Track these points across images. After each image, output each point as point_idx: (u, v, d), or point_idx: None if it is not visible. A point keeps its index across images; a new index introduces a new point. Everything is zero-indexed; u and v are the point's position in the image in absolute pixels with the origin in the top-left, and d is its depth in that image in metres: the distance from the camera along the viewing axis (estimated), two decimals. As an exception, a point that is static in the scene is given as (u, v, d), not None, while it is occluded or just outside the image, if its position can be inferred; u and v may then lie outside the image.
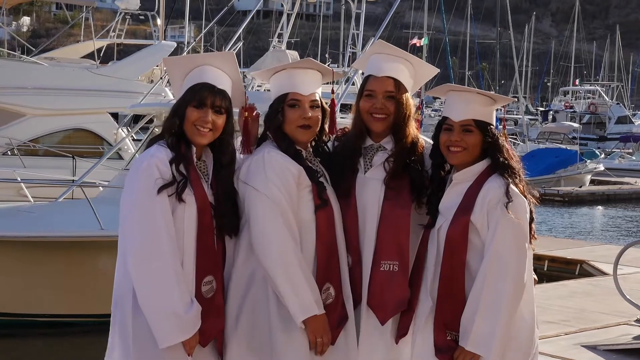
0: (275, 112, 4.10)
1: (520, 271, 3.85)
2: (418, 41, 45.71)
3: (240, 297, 3.98)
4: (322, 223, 4.02)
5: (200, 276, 3.87)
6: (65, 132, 17.71)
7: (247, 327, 3.97)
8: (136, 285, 3.76)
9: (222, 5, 43.20)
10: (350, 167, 4.21)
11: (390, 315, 4.11)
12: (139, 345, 3.81)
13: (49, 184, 13.46)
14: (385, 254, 4.11)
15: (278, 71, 4.19)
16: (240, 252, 4.01)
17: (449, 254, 3.94)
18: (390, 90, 4.16)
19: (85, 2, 20.77)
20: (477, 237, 3.93)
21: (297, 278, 3.88)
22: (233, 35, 15.49)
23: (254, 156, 4.03)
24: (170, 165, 3.85)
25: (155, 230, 3.76)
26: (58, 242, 10.36)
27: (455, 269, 3.93)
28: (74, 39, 36.33)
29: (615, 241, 21.65)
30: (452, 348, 3.93)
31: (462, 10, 70.96)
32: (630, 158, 42.89)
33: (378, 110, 4.16)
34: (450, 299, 3.94)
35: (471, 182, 3.99)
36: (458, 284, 3.93)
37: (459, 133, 4.00)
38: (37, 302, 10.65)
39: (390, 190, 4.15)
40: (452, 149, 4.01)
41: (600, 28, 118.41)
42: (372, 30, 17.69)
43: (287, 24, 15.55)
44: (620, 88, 76.42)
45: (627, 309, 8.81)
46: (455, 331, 3.92)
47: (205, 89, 3.94)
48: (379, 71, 4.21)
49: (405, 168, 4.16)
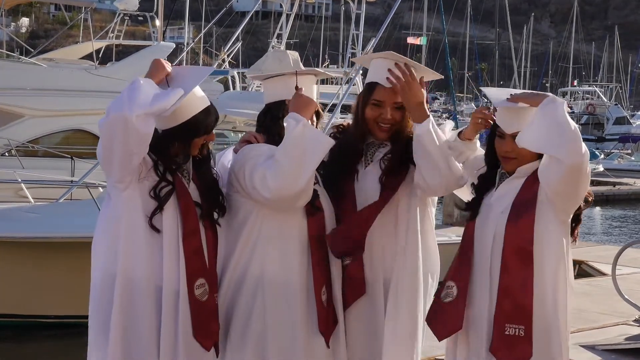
0: (275, 118, 4.11)
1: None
2: (416, 39, 45.65)
3: (246, 302, 4.01)
4: (313, 228, 4.05)
5: (192, 280, 3.85)
6: (64, 133, 17.68)
7: (257, 332, 3.99)
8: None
9: (221, 6, 43.19)
10: (350, 167, 4.24)
11: (353, 299, 4.15)
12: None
13: (49, 184, 13.47)
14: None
15: (273, 76, 4.21)
16: (235, 254, 4.03)
17: (511, 247, 3.93)
18: (399, 101, 4.16)
19: (84, 3, 20.72)
20: (544, 226, 3.93)
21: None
22: (232, 36, 15.52)
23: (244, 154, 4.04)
24: (155, 170, 3.85)
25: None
26: (62, 242, 10.35)
27: (520, 258, 3.91)
28: (72, 40, 36.30)
29: (614, 242, 21.68)
30: (509, 344, 3.90)
31: (461, 11, 71.02)
32: (629, 159, 42.90)
33: (386, 120, 4.19)
34: (514, 290, 3.91)
35: (526, 177, 4.04)
36: (523, 274, 3.90)
37: (510, 143, 4.04)
38: (41, 304, 10.65)
39: (386, 187, 4.18)
40: (505, 158, 4.08)
41: (598, 29, 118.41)
42: (371, 31, 17.70)
43: (286, 25, 15.60)
44: (619, 89, 76.49)
45: (626, 309, 8.82)
46: (516, 324, 3.90)
47: (207, 115, 3.95)
48: (388, 82, 4.17)
49: (402, 164, 4.19)
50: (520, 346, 3.89)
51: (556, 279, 3.96)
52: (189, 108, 3.90)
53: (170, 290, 3.83)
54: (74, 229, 10.34)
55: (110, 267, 3.85)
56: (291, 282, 4.01)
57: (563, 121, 3.84)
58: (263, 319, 3.98)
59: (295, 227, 4.03)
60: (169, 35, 37.89)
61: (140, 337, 3.82)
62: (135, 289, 3.81)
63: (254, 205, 4.00)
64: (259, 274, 4.00)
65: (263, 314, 3.98)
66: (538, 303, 3.91)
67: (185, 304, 3.84)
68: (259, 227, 4.01)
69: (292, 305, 4.00)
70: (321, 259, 4.08)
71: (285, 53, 4.36)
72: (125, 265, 3.81)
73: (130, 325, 3.82)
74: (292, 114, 3.96)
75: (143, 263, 3.81)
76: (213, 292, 3.93)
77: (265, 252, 4.00)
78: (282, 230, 4.02)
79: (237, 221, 4.04)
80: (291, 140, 3.86)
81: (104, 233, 3.91)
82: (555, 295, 3.95)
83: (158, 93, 3.75)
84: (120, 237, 3.83)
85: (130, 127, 3.65)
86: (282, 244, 4.01)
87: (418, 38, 46.31)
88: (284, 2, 16.16)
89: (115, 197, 3.86)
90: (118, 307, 3.81)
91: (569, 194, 3.93)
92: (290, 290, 4.00)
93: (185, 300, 3.84)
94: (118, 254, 3.83)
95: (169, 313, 3.83)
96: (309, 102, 4.04)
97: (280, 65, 4.24)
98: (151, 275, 3.82)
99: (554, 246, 3.96)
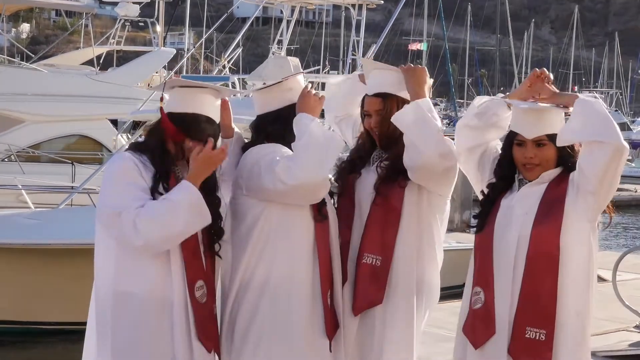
0: (284, 124, 4.10)
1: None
2: (417, 45, 45.74)
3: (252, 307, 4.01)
4: (319, 234, 4.08)
5: (192, 281, 3.85)
6: (64, 139, 17.69)
7: (259, 336, 4.00)
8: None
9: (221, 12, 43.24)
10: (354, 169, 4.32)
11: (361, 307, 4.16)
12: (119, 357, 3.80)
13: (49, 190, 13.46)
14: (369, 247, 4.20)
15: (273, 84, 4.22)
16: (244, 259, 4.03)
17: (537, 250, 3.85)
18: (378, 108, 4.25)
19: (85, 9, 20.79)
20: (571, 229, 3.85)
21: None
22: (232, 42, 15.53)
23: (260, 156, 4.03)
24: (156, 183, 3.82)
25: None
26: (62, 249, 10.34)
27: (546, 261, 3.84)
28: (73, 45, 36.39)
29: (615, 248, 21.66)
30: (529, 347, 3.85)
31: (461, 17, 71.10)
32: (629, 165, 42.87)
33: (372, 128, 4.29)
34: (538, 294, 3.85)
35: (549, 181, 3.94)
36: (548, 277, 3.84)
37: (532, 149, 3.92)
38: (41, 310, 10.64)
39: (380, 195, 4.22)
40: (527, 166, 3.94)
41: (599, 35, 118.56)
42: (372, 37, 17.72)
43: (286, 31, 15.60)
44: (619, 95, 76.48)
45: (626, 315, 8.81)
46: (537, 328, 3.83)
47: (207, 123, 3.90)
48: (369, 89, 4.32)
49: (399, 172, 4.20)
50: (539, 350, 3.84)
51: (581, 284, 3.88)
52: (199, 103, 3.91)
53: (173, 295, 3.83)
54: (75, 235, 10.33)
55: (110, 281, 3.84)
56: (298, 286, 4.02)
57: (603, 110, 3.81)
58: (266, 323, 3.99)
59: (303, 231, 4.05)
60: (169, 41, 37.92)
61: (147, 347, 3.81)
62: (137, 302, 3.79)
63: (262, 209, 4.01)
64: (265, 278, 4.01)
65: (267, 318, 3.99)
66: (562, 308, 3.84)
67: (188, 307, 3.84)
68: (267, 231, 4.02)
69: (298, 309, 4.01)
70: (327, 263, 4.10)
71: (285, 59, 4.38)
72: (124, 280, 3.80)
73: (136, 338, 3.81)
74: (303, 114, 4.01)
75: (142, 275, 3.80)
76: (210, 295, 3.94)
77: (272, 256, 4.01)
78: (290, 235, 4.03)
79: (245, 225, 4.04)
80: (309, 136, 3.92)
81: (106, 248, 3.91)
82: (580, 302, 3.88)
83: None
84: (118, 251, 3.82)
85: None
86: (290, 248, 4.03)
87: (419, 44, 46.37)
88: (284, 8, 16.17)
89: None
90: (125, 323, 3.80)
91: (611, 183, 3.81)
92: (297, 294, 4.02)
93: (188, 302, 3.84)
94: (118, 269, 3.82)
95: (176, 318, 3.82)
96: (317, 102, 4.09)
97: (281, 71, 4.25)
98: (153, 286, 3.81)
99: (581, 251, 3.86)
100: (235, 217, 4.08)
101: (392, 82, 4.26)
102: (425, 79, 4.22)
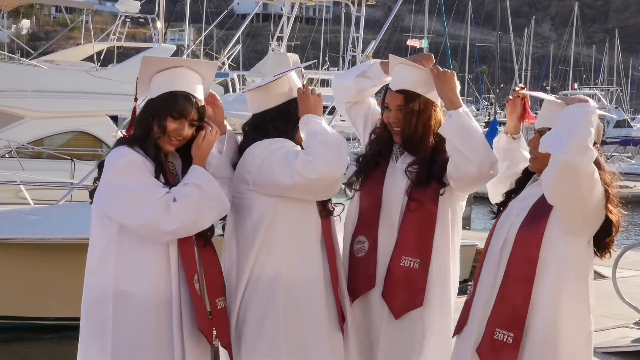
0: (286, 120, 4.11)
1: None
2: (418, 42, 45.69)
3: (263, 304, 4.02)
4: (326, 229, 4.13)
5: (190, 274, 3.84)
6: (64, 135, 17.70)
7: (272, 332, 4.01)
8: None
9: (221, 8, 43.21)
10: (378, 161, 4.33)
11: (402, 311, 4.17)
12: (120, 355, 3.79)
13: (49, 186, 13.46)
14: (407, 250, 4.18)
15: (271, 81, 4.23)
16: (252, 256, 4.03)
17: (518, 252, 3.84)
18: (399, 104, 4.23)
19: (85, 5, 20.79)
20: (553, 238, 3.79)
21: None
22: (232, 39, 15.53)
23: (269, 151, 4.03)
24: (157, 176, 3.81)
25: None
26: (61, 244, 10.35)
27: (524, 266, 3.80)
28: (73, 42, 36.36)
29: (614, 244, 21.61)
30: (495, 349, 3.82)
31: (462, 13, 71.08)
32: (629, 162, 42.88)
33: (393, 123, 4.28)
34: (512, 296, 3.82)
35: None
36: (524, 283, 3.80)
37: (535, 139, 3.94)
38: (40, 306, 10.64)
39: (413, 198, 4.21)
40: (530, 156, 4.04)
41: (599, 32, 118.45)
42: (372, 33, 17.72)
43: (286, 27, 15.59)
44: (619, 92, 76.46)
45: (626, 311, 8.80)
46: (507, 330, 3.80)
47: (186, 100, 3.86)
48: (392, 84, 4.30)
49: (430, 177, 4.21)
50: (505, 353, 3.80)
51: (561, 293, 3.78)
52: (174, 81, 3.89)
53: (172, 292, 3.82)
54: (74, 231, 10.32)
55: (110, 280, 3.82)
56: (312, 281, 4.05)
57: (572, 118, 3.64)
58: (281, 317, 4.00)
59: (311, 226, 4.09)
60: (169, 37, 37.94)
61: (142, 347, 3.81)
62: (134, 301, 3.78)
63: (270, 204, 4.02)
64: (274, 274, 4.02)
65: (279, 314, 4.00)
66: (535, 314, 3.78)
67: (189, 302, 3.84)
68: (276, 226, 4.03)
69: (315, 303, 4.04)
70: (335, 257, 4.15)
71: (285, 55, 4.40)
72: (124, 278, 3.79)
73: (133, 337, 3.80)
74: (309, 115, 4.04)
75: (142, 273, 3.80)
76: (219, 288, 3.96)
77: (280, 252, 4.03)
78: (299, 230, 4.06)
79: (251, 221, 4.04)
80: (324, 134, 3.97)
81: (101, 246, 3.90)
82: (558, 311, 3.78)
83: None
84: (118, 249, 3.82)
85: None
86: (300, 243, 4.05)
87: (419, 41, 46.35)
88: (284, 5, 16.15)
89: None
90: (125, 323, 3.79)
91: (571, 199, 3.70)
92: (312, 288, 4.05)
93: (189, 298, 3.84)
94: (118, 267, 3.81)
95: (176, 315, 3.82)
96: (318, 101, 4.11)
97: (280, 67, 4.27)
98: (153, 284, 3.80)
99: (562, 259, 3.78)
100: (240, 212, 4.08)
101: (419, 81, 4.25)
102: (456, 83, 4.22)
